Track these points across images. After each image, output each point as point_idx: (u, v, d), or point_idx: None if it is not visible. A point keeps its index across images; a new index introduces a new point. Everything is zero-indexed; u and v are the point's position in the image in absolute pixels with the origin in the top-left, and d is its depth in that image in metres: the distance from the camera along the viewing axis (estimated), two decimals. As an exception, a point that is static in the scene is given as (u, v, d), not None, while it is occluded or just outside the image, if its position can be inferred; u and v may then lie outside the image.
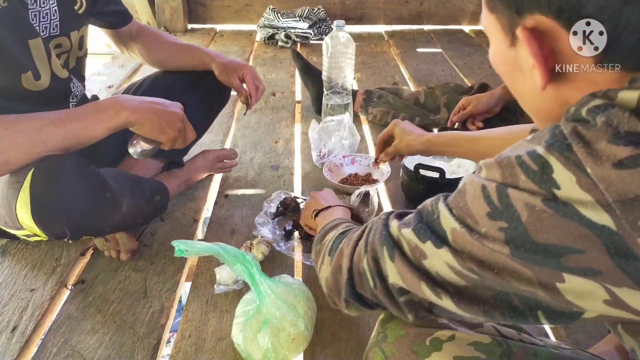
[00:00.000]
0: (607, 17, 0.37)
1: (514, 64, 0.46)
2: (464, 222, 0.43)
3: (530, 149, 0.40)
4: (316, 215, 0.91)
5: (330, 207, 0.90)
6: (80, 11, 1.05)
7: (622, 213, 0.35)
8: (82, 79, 1.13)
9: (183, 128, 0.97)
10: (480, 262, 0.42)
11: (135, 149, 0.94)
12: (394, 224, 0.52)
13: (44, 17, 0.97)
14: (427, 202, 0.50)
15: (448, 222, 0.45)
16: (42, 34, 0.96)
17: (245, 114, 1.32)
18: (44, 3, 0.96)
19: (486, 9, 0.47)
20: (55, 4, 0.99)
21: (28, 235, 0.92)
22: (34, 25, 0.95)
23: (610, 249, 0.36)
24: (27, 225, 0.84)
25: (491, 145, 0.94)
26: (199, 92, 1.27)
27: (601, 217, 0.36)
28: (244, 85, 1.27)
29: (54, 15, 0.99)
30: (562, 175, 0.37)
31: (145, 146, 0.94)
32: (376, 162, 1.23)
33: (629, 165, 0.35)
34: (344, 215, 0.87)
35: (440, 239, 0.45)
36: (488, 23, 0.47)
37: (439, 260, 0.45)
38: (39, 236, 0.89)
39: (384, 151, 1.15)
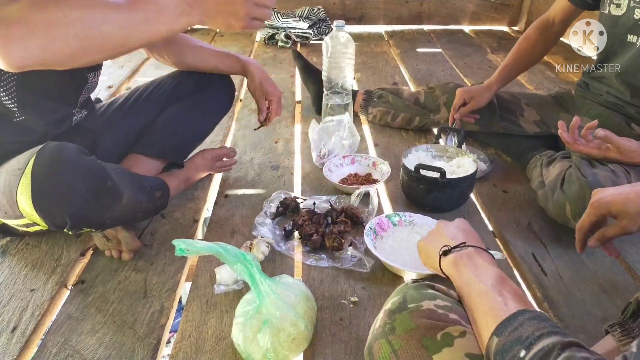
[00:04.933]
0: None
1: None
2: None
3: None
4: (444, 254, 0.67)
5: (466, 245, 0.66)
6: None
7: None
8: (100, 67, 1.12)
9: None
10: None
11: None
12: None
13: None
14: None
15: None
16: None
17: (255, 129, 1.43)
18: None
19: None
20: None
21: (27, 225, 0.92)
22: None
23: None
24: (27, 213, 0.84)
25: None
26: (206, 94, 1.28)
27: None
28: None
29: None
30: None
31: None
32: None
33: None
34: (491, 262, 0.63)
35: None
36: None
37: None
38: (39, 225, 0.89)
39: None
